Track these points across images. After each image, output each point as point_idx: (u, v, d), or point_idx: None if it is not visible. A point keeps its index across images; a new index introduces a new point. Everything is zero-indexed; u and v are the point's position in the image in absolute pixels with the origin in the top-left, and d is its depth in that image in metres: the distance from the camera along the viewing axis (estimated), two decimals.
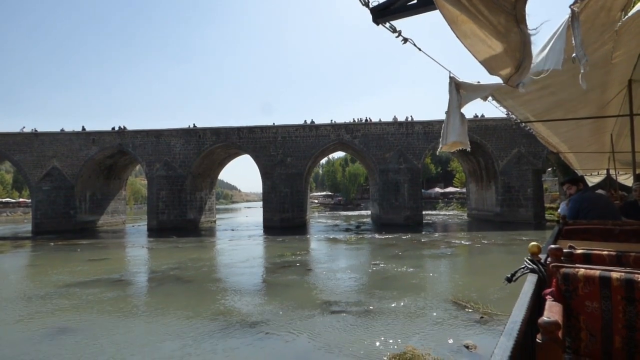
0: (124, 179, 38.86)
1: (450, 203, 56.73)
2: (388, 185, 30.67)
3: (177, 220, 31.41)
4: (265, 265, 15.98)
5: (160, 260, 17.16)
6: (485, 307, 8.58)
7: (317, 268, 14.54)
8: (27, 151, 32.22)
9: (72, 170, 32.12)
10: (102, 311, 9.33)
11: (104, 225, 35.20)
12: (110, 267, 15.55)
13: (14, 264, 18.81)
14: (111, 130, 33.00)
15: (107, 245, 23.49)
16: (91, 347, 7.06)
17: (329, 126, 31.87)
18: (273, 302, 9.72)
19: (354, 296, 10.21)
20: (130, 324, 8.45)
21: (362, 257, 17.64)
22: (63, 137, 32.68)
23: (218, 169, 37.39)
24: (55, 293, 11.12)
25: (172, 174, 31.68)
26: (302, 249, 19.00)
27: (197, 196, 33.61)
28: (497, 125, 30.48)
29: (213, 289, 11.63)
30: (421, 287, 11.18)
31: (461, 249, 18.98)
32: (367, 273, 13.47)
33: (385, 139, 31.15)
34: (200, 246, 21.98)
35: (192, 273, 13.88)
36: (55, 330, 7.88)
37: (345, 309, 8.89)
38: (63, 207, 31.90)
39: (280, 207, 30.70)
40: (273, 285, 11.81)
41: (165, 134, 32.27)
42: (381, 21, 2.37)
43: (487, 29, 1.30)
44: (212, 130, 32.19)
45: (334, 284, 11.78)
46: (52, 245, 23.36)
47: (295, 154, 31.21)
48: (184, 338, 7.36)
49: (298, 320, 8.24)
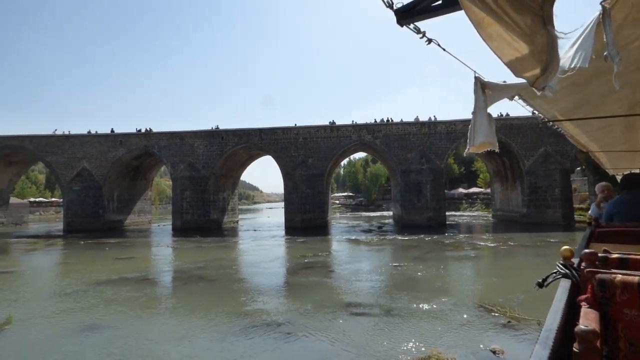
0: (150, 179, 39.86)
1: (474, 204, 55.62)
2: (410, 185, 30.32)
3: (201, 220, 31.97)
4: (287, 266, 16.07)
5: (184, 259, 17.51)
6: (512, 311, 8.36)
7: (339, 269, 14.52)
8: (59, 153, 33.52)
9: (100, 171, 33.20)
10: (130, 309, 9.58)
11: (131, 225, 36.20)
12: (137, 266, 15.98)
13: (47, 261, 19.61)
14: (137, 133, 33.95)
15: (134, 244, 24.14)
16: (120, 344, 7.26)
17: (350, 127, 31.79)
18: (295, 302, 9.76)
19: (376, 298, 10.15)
20: (157, 322, 8.65)
21: (384, 258, 17.51)
22: (92, 139, 33.84)
23: (240, 169, 37.87)
24: (85, 290, 11.50)
25: (196, 174, 32.29)
26: (323, 250, 19.02)
27: (220, 197, 34.12)
28: (523, 124, 29.70)
29: (236, 289, 11.78)
30: (445, 289, 11.00)
31: (486, 251, 18.58)
32: (389, 275, 13.36)
33: (407, 139, 30.82)
34: (223, 246, 22.31)
35: (215, 273, 14.09)
36: (86, 327, 8.15)
37: (367, 311, 8.84)
38: (92, 206, 33.00)
39: (302, 208, 30.82)
40: (295, 286, 11.86)
41: (188, 135, 32.94)
42: (405, 22, 2.35)
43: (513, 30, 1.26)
44: (234, 131, 32.63)
45: (355, 285, 11.73)
46: (82, 243, 24.19)
47: (317, 155, 31.28)
48: (208, 337, 7.48)
49: (320, 321, 8.24)
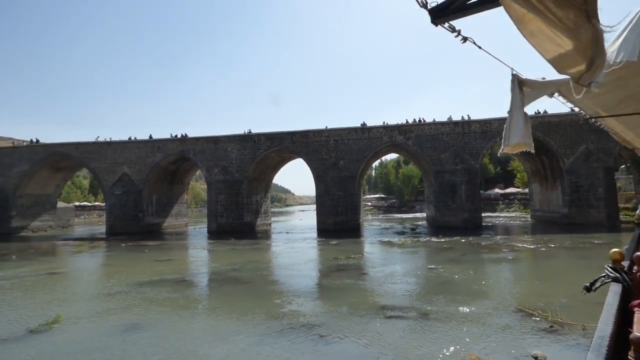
0: (186, 183, 41.12)
1: (511, 204, 53.70)
2: (444, 186, 29.68)
3: (235, 223, 32.62)
4: (320, 268, 16.12)
5: (219, 261, 17.93)
6: (555, 315, 8.00)
7: (372, 272, 14.41)
8: (102, 159, 35.24)
9: (140, 176, 34.59)
10: (170, 309, 9.91)
11: (169, 228, 37.46)
12: (175, 268, 16.52)
13: (91, 263, 20.62)
14: (174, 138, 35.14)
15: (172, 247, 24.97)
16: (162, 343, 7.52)
17: (381, 128, 31.53)
18: (329, 305, 9.77)
19: (410, 301, 10.00)
20: (196, 322, 8.91)
21: (418, 260, 17.22)
22: (132, 145, 35.35)
23: (272, 173, 38.37)
24: (127, 291, 11.99)
25: (230, 178, 33.00)
26: (356, 252, 18.94)
27: (253, 200, 34.70)
28: (561, 121, 28.44)
29: (271, 291, 11.94)
30: (482, 292, 10.68)
31: (525, 253, 17.89)
32: (424, 277, 13.13)
33: (440, 139, 30.21)
34: (257, 248, 22.66)
35: (250, 275, 14.33)
36: (130, 326, 8.50)
37: (401, 314, 8.72)
38: (132, 210, 34.43)
39: (334, 210, 30.83)
40: (328, 289, 11.87)
41: (222, 140, 33.73)
42: (440, 22, 2.33)
43: (556, 26, 1.22)
44: (266, 135, 33.12)
45: (389, 288, 11.60)
46: (123, 246, 25.26)
47: (348, 157, 31.22)
48: (246, 338, 7.61)
49: (355, 324, 8.20)
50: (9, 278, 14.87)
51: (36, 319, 9.05)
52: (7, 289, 13.05)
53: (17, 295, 12.06)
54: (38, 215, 38.82)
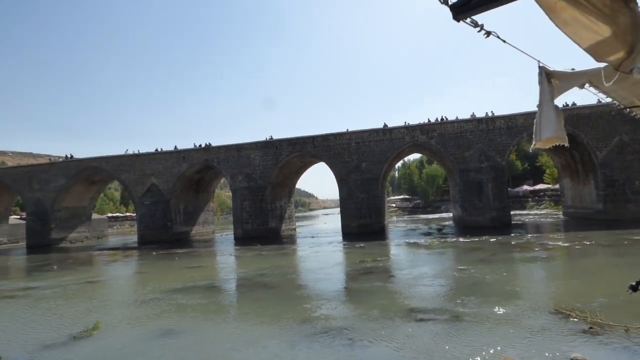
0: (211, 191, 41.88)
1: (541, 201, 52.05)
2: (470, 185, 29.09)
3: (260, 229, 32.95)
4: (347, 272, 16.06)
5: (247, 267, 18.13)
6: (594, 316, 7.68)
7: (399, 274, 14.25)
8: (131, 170, 36.39)
9: (167, 186, 35.49)
10: (202, 315, 10.10)
11: (196, 235, 38.20)
12: (205, 274, 16.82)
13: (125, 271, 21.25)
14: (198, 148, 35.92)
15: (200, 254, 25.43)
16: (196, 349, 7.66)
17: (403, 128, 31.25)
18: (356, 308, 9.72)
19: (440, 303, 9.82)
20: (227, 328, 9.03)
21: (446, 261, 16.92)
22: (159, 156, 36.35)
23: (295, 177, 38.60)
24: (160, 298, 12.29)
25: (253, 185, 33.41)
26: (382, 255, 18.78)
27: (277, 205, 34.98)
28: (592, 113, 27.44)
29: (299, 295, 11.98)
30: (515, 293, 10.38)
31: (559, 252, 17.29)
32: (453, 278, 12.88)
33: (464, 137, 29.67)
34: (283, 253, 22.79)
35: (277, 280, 14.43)
36: (164, 332, 8.70)
37: (432, 317, 8.57)
38: (161, 219, 35.34)
39: (358, 213, 30.70)
40: (356, 292, 11.81)
41: (245, 147, 34.22)
42: (462, 17, 2.30)
43: (591, 12, 1.19)
44: (288, 141, 33.38)
45: (418, 290, 11.44)
46: (154, 254, 25.92)
47: (370, 159, 31.08)
48: (278, 343, 7.66)
49: (384, 327, 8.13)
50: (52, 287, 15.53)
51: (77, 326, 9.39)
52: (50, 297, 13.63)
53: (59, 303, 12.57)
54: (75, 227, 40.45)
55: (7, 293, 14.90)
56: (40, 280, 17.76)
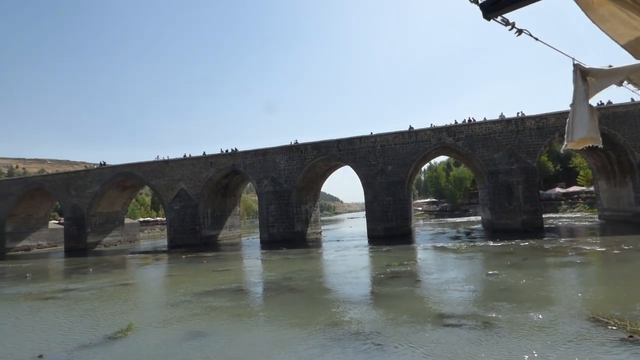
0: (238, 196, 42.53)
1: (575, 204, 50.07)
2: (499, 187, 28.34)
3: (286, 232, 33.18)
4: (373, 276, 15.93)
5: (273, 271, 18.28)
6: (634, 324, 7.31)
7: (427, 278, 14.02)
8: (161, 176, 37.47)
9: (195, 191, 36.32)
10: (230, 318, 10.26)
11: (224, 239, 38.85)
12: (232, 278, 17.07)
13: (156, 274, 21.84)
14: (224, 153, 36.60)
15: (228, 257, 25.83)
16: (226, 351, 7.78)
17: (429, 130, 30.82)
18: (383, 313, 9.62)
19: (469, 308, 9.59)
20: (256, 331, 9.12)
21: (475, 266, 16.52)
22: (187, 162, 37.28)
23: (320, 181, 38.70)
24: (190, 300, 12.56)
25: (279, 189, 33.71)
26: (409, 259, 18.53)
27: (303, 209, 35.15)
28: (629, 111, 26.26)
29: (325, 299, 11.98)
30: (548, 299, 10.02)
31: (594, 257, 16.57)
32: (483, 283, 12.56)
33: (492, 138, 28.97)
34: (309, 257, 22.85)
35: (303, 283, 14.48)
36: (194, 334, 8.89)
37: (461, 322, 8.39)
38: (190, 223, 36.18)
39: (384, 216, 30.44)
40: (382, 296, 11.70)
41: (270, 152, 34.61)
42: (492, 16, 2.27)
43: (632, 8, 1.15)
44: (313, 145, 33.53)
45: (446, 295, 11.22)
46: (183, 257, 26.53)
47: (396, 162, 30.80)
48: (307, 347, 7.67)
49: (410, 332, 8.01)
50: (88, 289, 16.17)
51: (112, 327, 9.72)
52: (87, 299, 14.18)
53: (95, 305, 13.06)
54: (109, 231, 42.02)
55: (48, 294, 15.60)
56: (78, 282, 18.51)
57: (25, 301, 14.69)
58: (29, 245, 43.83)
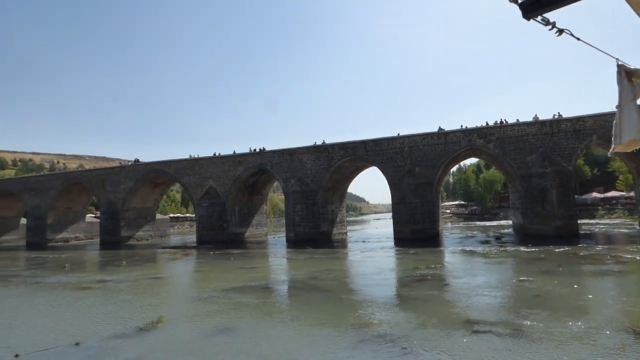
0: (265, 194, 43.08)
1: (613, 210, 47.80)
2: (531, 191, 27.45)
3: (312, 232, 33.35)
4: (399, 278, 15.81)
5: (299, 270, 18.43)
6: None
7: (455, 283, 13.77)
8: (191, 174, 38.47)
9: (223, 189, 37.07)
10: (256, 314, 10.43)
11: (250, 237, 39.46)
12: (259, 275, 17.33)
13: (185, 269, 22.47)
14: (252, 152, 37.16)
15: (254, 255, 26.24)
16: (253, 348, 7.91)
17: (459, 132, 30.20)
18: (409, 316, 9.53)
19: (499, 315, 9.36)
20: (282, 329, 9.25)
21: (505, 271, 16.09)
22: (217, 160, 38.09)
23: (347, 182, 38.65)
24: (217, 296, 12.85)
25: (305, 188, 33.91)
26: (436, 262, 18.24)
27: (329, 209, 35.22)
28: None
29: (349, 300, 11.98)
30: (584, 308, 9.64)
31: (635, 265, 15.79)
32: (513, 290, 12.23)
33: (525, 140, 28.08)
34: (334, 257, 22.89)
35: (328, 283, 14.53)
36: (222, 329, 9.10)
37: (491, 329, 8.19)
38: (218, 220, 36.96)
39: (411, 218, 30.08)
40: (408, 299, 11.58)
41: (297, 151, 34.86)
42: (532, 15, 2.24)
43: None
44: (340, 145, 33.52)
45: (474, 300, 10.98)
46: (211, 254, 27.14)
47: (424, 163, 30.36)
48: (328, 347, 7.72)
49: (438, 337, 7.90)
50: (122, 281, 16.84)
51: (143, 319, 10.08)
52: (120, 290, 14.78)
53: (128, 297, 13.58)
54: (141, 226, 43.53)
55: (85, 285, 16.35)
56: (112, 274, 19.29)
57: (64, 290, 15.45)
58: (68, 237, 46.01)
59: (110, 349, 8.04)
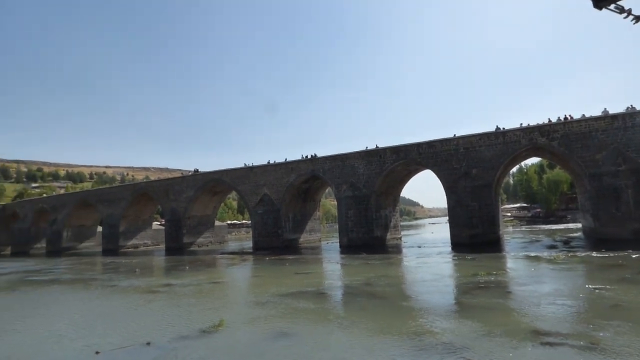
0: (317, 200, 43.56)
1: None
2: (603, 192, 25.31)
3: (365, 237, 33.15)
4: (458, 285, 15.26)
5: (354, 275, 18.40)
6: None
7: (519, 290, 13.03)
8: (246, 182, 39.94)
9: (277, 196, 38.03)
10: (312, 320, 10.59)
11: (304, 243, 40.04)
12: (313, 281, 17.54)
13: (243, 274, 23.31)
14: (305, 159, 37.79)
15: (308, 261, 26.58)
16: (311, 354, 8.04)
17: (519, 130, 28.64)
18: (472, 325, 9.16)
19: (570, 326, 8.73)
20: (338, 335, 9.28)
21: (575, 279, 14.97)
22: (270, 168, 39.22)
23: (400, 186, 38.03)
24: (274, 301, 13.20)
25: (358, 194, 33.83)
26: (497, 268, 17.39)
27: (382, 214, 34.84)
28: None
29: (407, 307, 11.77)
30: None
31: None
32: (585, 299, 11.34)
33: (594, 137, 25.99)
34: (389, 263, 22.58)
35: (384, 289, 14.37)
36: (279, 334, 9.34)
37: (561, 341, 7.67)
38: (272, 227, 37.95)
39: (468, 223, 28.91)
40: (468, 307, 11.15)
41: (349, 157, 34.92)
42: (605, 4, 2.16)
43: None
44: (392, 149, 33.11)
45: (541, 309, 10.33)
46: (267, 259, 27.91)
47: (481, 165, 29.11)
48: (386, 354, 7.65)
49: (504, 349, 7.52)
50: (185, 285, 17.86)
51: (206, 321, 10.61)
52: (185, 294, 15.68)
53: (192, 301, 14.36)
54: (201, 232, 45.95)
55: (154, 288, 17.54)
56: (176, 278, 20.49)
57: (136, 293, 16.67)
58: (137, 244, 49.64)
59: (177, 349, 8.54)
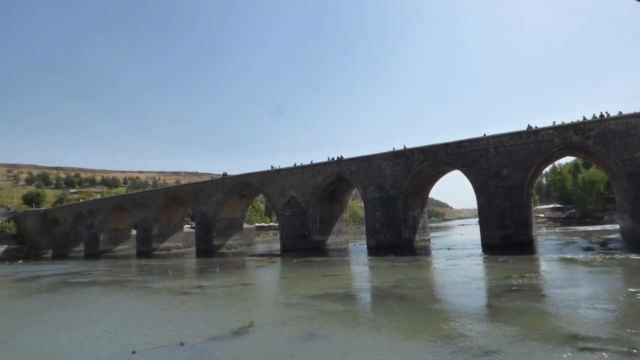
0: (344, 202, 43.56)
1: None
2: None
3: (393, 239, 32.87)
4: (489, 288, 14.95)
5: (382, 278, 18.33)
6: None
7: (553, 293, 12.64)
8: (273, 184, 40.44)
9: (304, 198, 38.31)
10: (340, 322, 10.64)
11: (331, 245, 40.12)
12: (341, 283, 17.61)
13: (272, 276, 23.65)
14: (331, 161, 37.89)
15: (335, 263, 26.65)
16: (340, 357, 8.12)
17: (552, 129, 27.70)
18: (505, 329, 8.98)
19: (608, 331, 8.41)
20: (366, 337, 9.33)
21: (613, 282, 14.39)
22: (297, 170, 39.55)
23: (428, 187, 37.50)
24: (302, 303, 13.34)
25: (385, 195, 33.60)
26: (530, 271, 16.89)
27: (410, 215, 34.45)
28: None
29: (437, 310, 11.66)
30: None
31: None
32: (625, 303, 10.88)
33: (633, 134, 24.81)
34: (418, 265, 22.33)
35: (412, 292, 14.26)
36: (307, 335, 9.45)
37: (601, 346, 7.41)
38: (300, 229, 38.25)
39: (500, 224, 28.18)
40: (501, 310, 10.92)
41: (375, 158, 34.75)
42: None
43: None
44: (419, 149, 32.71)
45: (578, 313, 9.99)
46: (295, 261, 28.15)
47: (512, 165, 28.32)
48: (415, 357, 7.63)
49: (539, 354, 7.32)
50: (217, 287, 18.32)
51: (236, 323, 10.85)
52: (216, 295, 16.11)
53: (223, 302, 14.75)
54: (230, 235, 46.87)
55: (186, 290, 18.10)
56: (207, 280, 21.03)
57: (169, 295, 17.24)
58: (169, 246, 51.16)
59: (209, 350, 8.79)
